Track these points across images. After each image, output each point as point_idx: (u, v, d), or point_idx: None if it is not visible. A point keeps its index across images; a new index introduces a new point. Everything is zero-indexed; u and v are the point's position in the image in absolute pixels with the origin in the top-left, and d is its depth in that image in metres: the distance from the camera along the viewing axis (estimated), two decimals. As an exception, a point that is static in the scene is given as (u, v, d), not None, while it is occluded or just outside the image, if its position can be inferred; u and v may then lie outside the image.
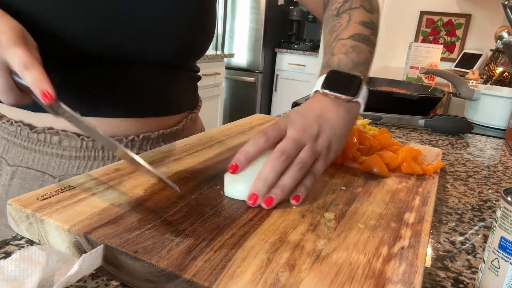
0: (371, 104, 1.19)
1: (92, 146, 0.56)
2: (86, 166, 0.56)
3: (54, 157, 0.55)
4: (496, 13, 2.56)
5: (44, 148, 0.55)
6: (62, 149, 0.55)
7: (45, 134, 0.54)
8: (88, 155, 0.56)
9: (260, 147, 0.42)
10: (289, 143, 0.42)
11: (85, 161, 0.56)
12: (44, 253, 0.31)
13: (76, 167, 0.56)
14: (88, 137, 0.56)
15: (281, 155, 0.41)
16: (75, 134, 0.55)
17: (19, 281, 0.29)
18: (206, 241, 0.35)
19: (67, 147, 0.55)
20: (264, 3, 3.61)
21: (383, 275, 0.32)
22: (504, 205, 0.31)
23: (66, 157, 0.55)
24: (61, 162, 0.55)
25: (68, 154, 0.55)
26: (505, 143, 0.96)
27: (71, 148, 0.55)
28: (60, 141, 0.54)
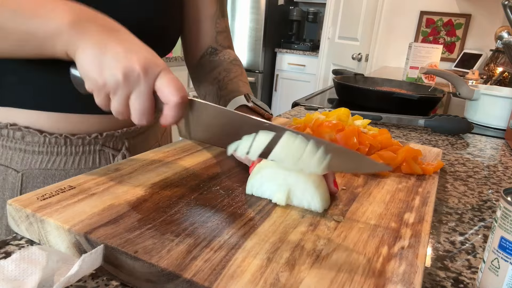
0: (371, 104, 1.20)
1: (55, 142, 0.56)
2: (49, 161, 0.57)
3: (17, 151, 0.56)
4: (496, 13, 2.56)
5: (7, 143, 0.55)
6: (25, 144, 0.55)
7: (8, 129, 0.54)
8: (51, 150, 0.56)
9: None
10: None
11: (47, 156, 0.57)
12: (44, 253, 0.31)
13: (39, 162, 0.56)
14: (51, 134, 0.56)
15: None
16: (37, 131, 0.55)
17: (19, 281, 0.29)
18: (206, 241, 0.35)
19: (30, 143, 0.55)
20: (264, 3, 3.61)
21: (383, 275, 0.32)
22: (504, 205, 0.31)
23: (29, 152, 0.56)
24: (24, 156, 0.56)
25: (31, 149, 0.56)
26: (505, 143, 0.96)
27: (34, 143, 0.55)
28: (23, 137, 0.55)
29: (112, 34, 0.40)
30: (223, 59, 0.70)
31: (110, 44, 0.39)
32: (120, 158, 0.62)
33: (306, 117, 0.70)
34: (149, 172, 0.48)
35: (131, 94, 0.40)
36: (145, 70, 0.38)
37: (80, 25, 0.39)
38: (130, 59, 0.38)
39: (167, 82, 0.39)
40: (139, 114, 0.40)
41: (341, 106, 0.78)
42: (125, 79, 0.38)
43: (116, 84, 0.38)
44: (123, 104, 0.40)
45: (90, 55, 0.39)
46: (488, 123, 1.08)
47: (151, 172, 0.49)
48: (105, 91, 0.40)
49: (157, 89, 0.40)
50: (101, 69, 0.38)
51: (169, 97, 0.39)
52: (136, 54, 0.39)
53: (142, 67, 0.38)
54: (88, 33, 0.39)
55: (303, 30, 4.26)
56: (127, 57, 0.38)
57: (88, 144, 0.59)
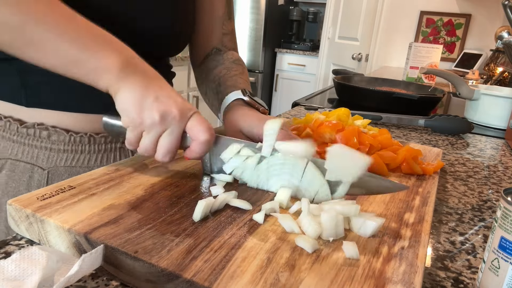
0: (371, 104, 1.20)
1: (80, 140, 0.59)
2: (73, 159, 0.60)
3: (43, 150, 0.58)
4: (496, 13, 2.56)
5: (33, 142, 0.58)
6: (51, 143, 0.58)
7: (35, 129, 0.57)
8: (75, 148, 0.59)
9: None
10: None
11: (72, 154, 0.59)
12: (44, 253, 0.31)
13: (64, 160, 0.59)
14: (76, 133, 0.59)
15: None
16: (63, 130, 0.58)
17: (19, 281, 0.29)
18: (206, 241, 0.35)
19: (56, 141, 0.58)
20: (264, 3, 3.61)
21: (383, 275, 0.32)
22: (504, 205, 0.31)
23: (54, 150, 0.58)
24: (50, 155, 0.58)
25: (56, 148, 0.58)
26: (505, 143, 0.96)
27: (59, 142, 0.58)
28: (49, 136, 0.58)
29: (153, 81, 0.45)
30: (226, 59, 0.72)
31: (152, 88, 0.44)
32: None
33: (306, 117, 0.70)
34: (149, 172, 0.48)
35: (163, 134, 0.43)
36: (181, 113, 0.43)
37: (127, 70, 0.44)
38: (168, 103, 0.43)
39: (199, 122, 0.44)
40: (165, 151, 0.44)
41: (341, 106, 0.78)
42: (162, 120, 0.42)
43: (153, 124, 0.42)
44: (153, 143, 0.44)
45: (132, 96, 0.43)
46: (488, 123, 1.08)
47: (151, 172, 0.49)
48: (140, 129, 0.43)
49: (189, 128, 0.44)
50: (141, 109, 0.42)
51: (199, 134, 0.44)
52: (173, 99, 0.44)
53: (179, 111, 0.43)
54: (132, 78, 0.44)
55: (303, 30, 4.26)
56: (166, 101, 0.43)
57: (110, 142, 0.63)
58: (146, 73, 0.45)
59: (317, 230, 0.37)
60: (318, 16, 4.06)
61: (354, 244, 0.35)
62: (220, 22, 0.74)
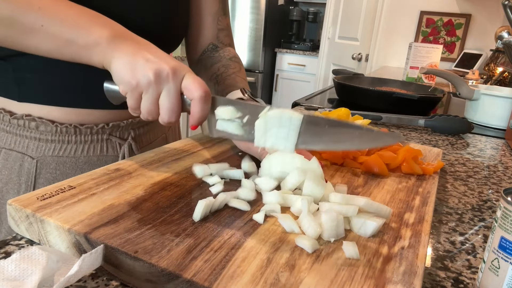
0: (371, 104, 1.19)
1: (66, 131, 0.61)
2: (61, 149, 0.62)
3: (33, 140, 0.61)
4: (496, 13, 2.56)
5: (24, 132, 0.60)
6: (39, 133, 0.60)
7: (24, 120, 0.59)
8: (62, 139, 0.61)
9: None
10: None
11: (59, 144, 0.61)
12: (44, 253, 0.31)
13: (52, 150, 0.61)
14: (61, 123, 0.61)
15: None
16: (49, 121, 0.60)
17: (19, 281, 0.29)
18: (206, 241, 0.35)
19: (44, 132, 0.60)
20: (264, 3, 3.61)
21: (383, 275, 0.32)
22: (504, 205, 0.31)
23: (43, 140, 0.61)
24: (39, 145, 0.61)
25: (44, 138, 0.61)
26: (505, 143, 0.96)
27: (47, 132, 0.60)
28: (37, 126, 0.60)
29: (143, 46, 0.46)
30: (223, 56, 0.72)
31: (142, 52, 0.45)
32: (126, 147, 0.66)
33: (306, 117, 0.70)
34: (149, 172, 0.48)
35: (161, 93, 0.44)
36: (173, 70, 0.44)
37: (116, 40, 0.46)
38: (160, 62, 0.44)
39: (192, 80, 0.44)
40: (168, 111, 0.45)
41: (341, 106, 0.78)
42: (156, 78, 0.43)
43: (148, 83, 0.43)
44: (154, 103, 0.45)
45: (124, 61, 0.44)
46: (488, 123, 1.08)
47: (151, 172, 0.49)
48: (138, 91, 0.44)
49: (184, 88, 0.45)
50: (134, 72, 0.44)
51: (194, 92, 0.44)
52: (164, 59, 0.44)
53: (171, 68, 0.44)
54: (123, 46, 0.45)
55: (303, 30, 4.26)
56: (157, 61, 0.44)
57: (96, 133, 0.63)
58: (136, 41, 0.47)
59: (317, 231, 0.37)
60: (318, 16, 4.06)
61: (354, 244, 0.35)
62: (215, 18, 0.75)
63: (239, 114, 0.45)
